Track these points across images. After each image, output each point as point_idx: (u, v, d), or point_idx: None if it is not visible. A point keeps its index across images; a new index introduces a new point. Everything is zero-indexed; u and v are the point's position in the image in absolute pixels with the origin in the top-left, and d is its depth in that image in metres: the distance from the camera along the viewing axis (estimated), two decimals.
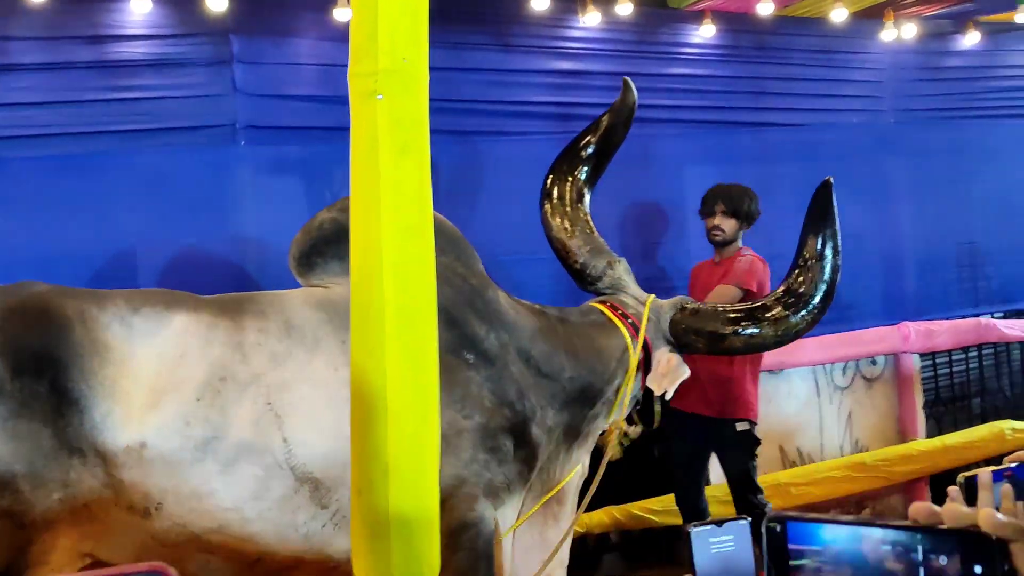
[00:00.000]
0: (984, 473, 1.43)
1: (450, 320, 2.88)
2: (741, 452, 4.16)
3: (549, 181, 3.51)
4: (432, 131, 4.28)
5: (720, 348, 3.25)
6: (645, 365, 3.24)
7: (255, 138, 3.92)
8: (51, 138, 3.73)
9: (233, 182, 3.90)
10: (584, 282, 3.42)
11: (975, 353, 5.91)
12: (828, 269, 3.15)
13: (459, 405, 2.80)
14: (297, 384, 2.65)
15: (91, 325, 2.55)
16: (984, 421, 5.66)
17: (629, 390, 3.21)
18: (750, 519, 1.41)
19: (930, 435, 5.41)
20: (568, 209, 3.43)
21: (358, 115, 1.64)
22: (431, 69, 4.29)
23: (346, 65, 4.20)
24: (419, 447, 1.44)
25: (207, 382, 2.60)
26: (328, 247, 2.93)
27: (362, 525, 1.38)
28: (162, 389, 2.56)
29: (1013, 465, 1.44)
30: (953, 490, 1.41)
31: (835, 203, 3.19)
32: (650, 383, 3.20)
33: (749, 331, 3.14)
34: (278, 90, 3.97)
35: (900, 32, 5.25)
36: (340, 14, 3.93)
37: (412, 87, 1.60)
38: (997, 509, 1.34)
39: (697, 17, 4.84)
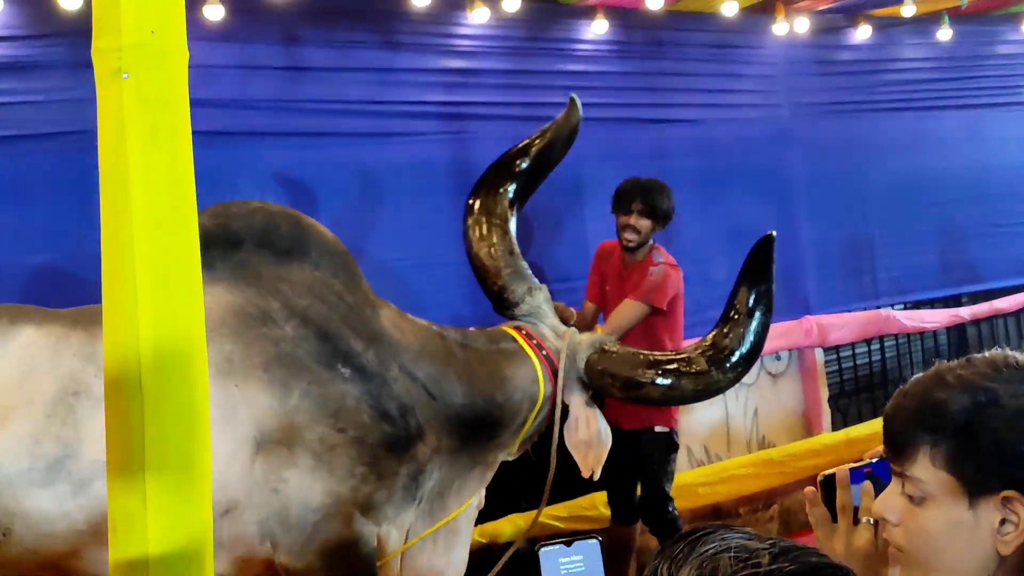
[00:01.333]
0: (841, 472, 1.37)
1: (323, 334, 2.78)
2: (655, 454, 4.08)
3: (474, 194, 3.33)
4: (319, 134, 4.16)
5: (636, 396, 3.12)
6: (555, 401, 3.10)
7: None
8: None
9: (98, 193, 3.66)
10: (501, 306, 3.27)
11: (877, 345, 5.98)
12: (757, 326, 3.02)
13: (332, 419, 2.69)
14: None
15: None
16: None
17: (530, 423, 3.09)
18: (600, 538, 1.31)
19: (836, 428, 5.44)
20: (492, 226, 3.26)
21: (103, 96, 1.47)
22: (315, 70, 4.17)
23: (222, 66, 4.00)
24: (184, 474, 1.28)
25: (58, 397, 2.45)
26: None
27: (116, 568, 1.22)
28: (8, 407, 2.41)
29: (872, 461, 1.37)
30: (810, 491, 1.38)
31: (774, 258, 3.06)
32: (573, 452, 3.06)
33: (668, 381, 3.01)
34: None
35: (792, 26, 5.26)
36: (211, 11, 3.73)
37: (164, 64, 1.42)
38: (857, 508, 1.36)
39: (589, 12, 4.76)
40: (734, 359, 3.00)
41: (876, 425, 5.59)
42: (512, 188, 3.32)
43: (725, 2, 4.77)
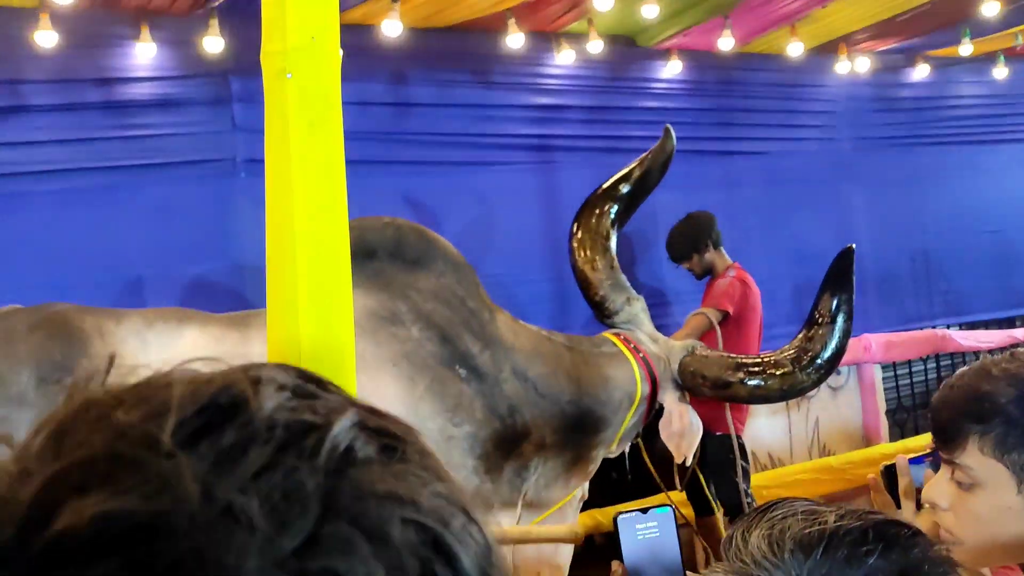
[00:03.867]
0: (901, 459, 1.41)
1: (444, 337, 2.95)
2: (719, 455, 4.15)
3: (580, 215, 3.50)
4: (424, 162, 4.43)
5: (725, 395, 3.25)
6: (651, 400, 3.24)
7: (255, 171, 4.01)
8: (65, 173, 3.82)
9: (234, 213, 3.98)
10: (602, 315, 3.42)
11: (933, 364, 6.04)
12: (839, 332, 3.12)
13: (450, 414, 2.85)
14: None
15: (109, 339, 2.60)
16: None
17: (629, 420, 3.20)
18: (673, 506, 1.38)
19: (893, 440, 5.52)
20: (595, 243, 3.40)
21: (270, 94, 1.63)
22: (421, 105, 4.47)
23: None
24: None
25: None
26: None
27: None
28: None
29: (930, 451, 1.40)
30: (873, 478, 1.44)
31: (854, 269, 3.17)
32: (666, 441, 3.17)
33: (755, 382, 3.12)
34: None
35: (854, 66, 5.41)
36: None
37: (321, 65, 1.57)
38: (919, 491, 1.38)
39: (664, 55, 4.99)
40: (818, 362, 3.11)
41: (923, 440, 5.66)
42: (614, 209, 3.47)
43: (791, 43, 4.96)
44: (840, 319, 3.14)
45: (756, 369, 3.16)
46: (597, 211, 3.45)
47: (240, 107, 4.02)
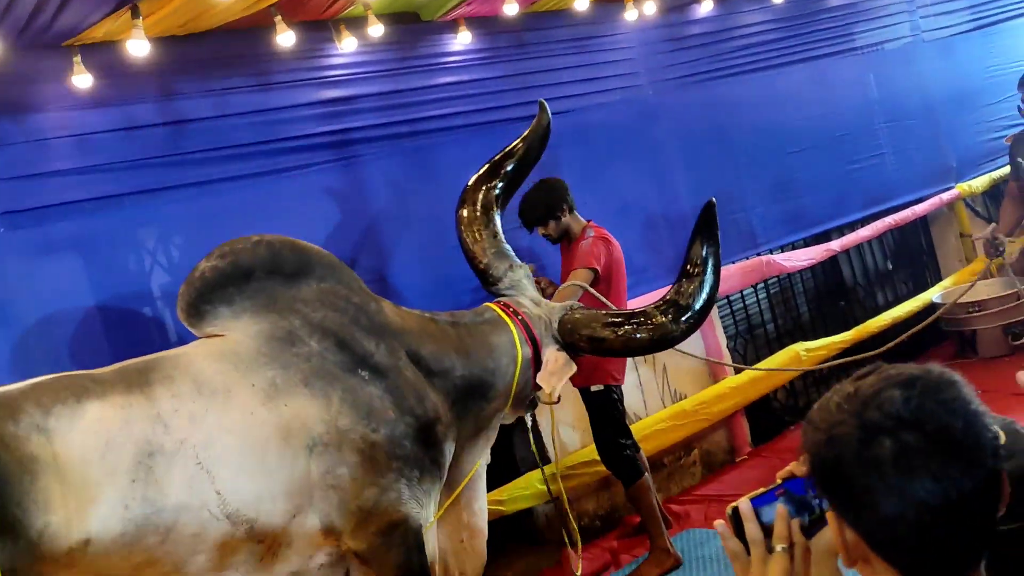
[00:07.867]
0: (744, 504, 1.24)
1: (341, 342, 2.80)
2: (594, 409, 4.24)
3: (465, 191, 3.47)
4: (206, 183, 3.86)
5: (600, 348, 3.26)
6: (536, 362, 3.22)
7: (14, 223, 3.39)
8: None
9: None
10: (486, 283, 3.43)
11: (762, 286, 5.94)
12: (709, 283, 3.17)
13: (366, 421, 2.74)
14: (220, 436, 2.53)
15: (13, 444, 2.25)
16: (781, 347, 5.68)
17: (516, 383, 3.19)
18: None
19: (738, 372, 5.37)
20: (480, 216, 3.42)
21: None
22: (197, 120, 3.87)
23: (102, 132, 3.67)
24: None
25: (137, 462, 2.41)
26: (213, 294, 2.82)
27: None
28: (96, 481, 2.34)
29: (782, 482, 1.24)
30: (720, 525, 1.28)
31: (717, 222, 3.20)
32: (540, 381, 3.19)
33: (627, 335, 3.14)
34: (30, 169, 3.43)
35: (641, 11, 5.13)
36: (79, 80, 3.43)
37: None
38: (770, 530, 1.23)
39: (451, 27, 4.55)
40: (689, 313, 3.15)
41: (772, 361, 5.52)
42: (499, 185, 3.48)
43: None
44: (709, 270, 3.17)
45: (628, 323, 3.16)
46: (482, 187, 3.45)
47: None
